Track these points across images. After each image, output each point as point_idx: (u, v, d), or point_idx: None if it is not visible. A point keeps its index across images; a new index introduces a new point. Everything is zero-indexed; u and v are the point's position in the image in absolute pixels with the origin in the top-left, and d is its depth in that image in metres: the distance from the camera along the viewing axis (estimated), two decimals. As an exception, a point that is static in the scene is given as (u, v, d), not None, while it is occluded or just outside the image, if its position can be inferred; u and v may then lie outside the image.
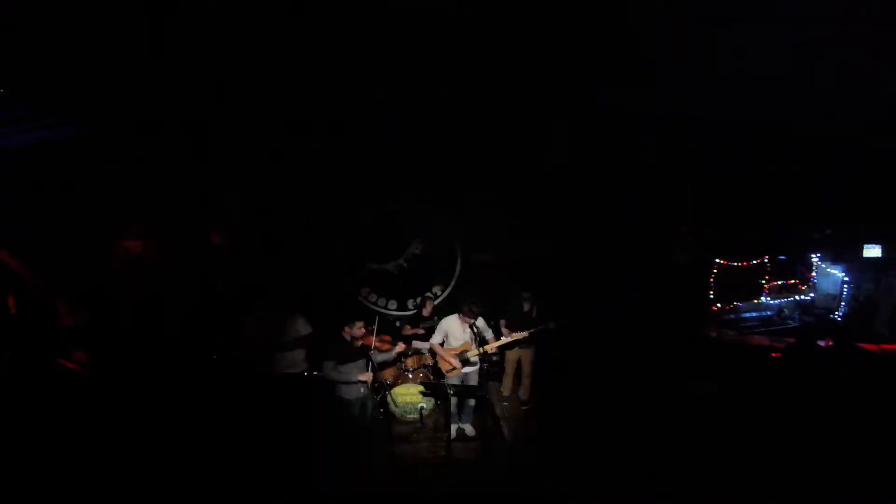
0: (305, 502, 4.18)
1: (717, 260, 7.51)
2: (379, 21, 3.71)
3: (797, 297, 7.89)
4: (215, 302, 6.89)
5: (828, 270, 7.77)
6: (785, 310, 7.83)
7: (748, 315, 7.71)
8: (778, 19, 3.50)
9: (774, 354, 6.02)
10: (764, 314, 7.78)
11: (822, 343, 5.13)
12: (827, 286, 7.80)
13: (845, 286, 7.50)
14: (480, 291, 6.82)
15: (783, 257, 7.86)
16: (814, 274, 7.87)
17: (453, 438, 4.72)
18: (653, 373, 6.28)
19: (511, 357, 5.80)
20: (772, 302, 7.81)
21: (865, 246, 7.32)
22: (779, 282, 7.86)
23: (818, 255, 7.81)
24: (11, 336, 5.93)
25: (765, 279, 7.77)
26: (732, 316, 7.62)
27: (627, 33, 3.97)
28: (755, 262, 7.70)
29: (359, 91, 5.50)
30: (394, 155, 7.02)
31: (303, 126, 6.69)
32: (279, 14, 3.61)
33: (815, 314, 7.68)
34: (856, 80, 4.47)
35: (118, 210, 6.58)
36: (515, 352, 5.73)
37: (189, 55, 4.23)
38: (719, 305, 7.52)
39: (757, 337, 7.16)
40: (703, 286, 7.46)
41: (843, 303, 7.48)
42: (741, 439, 4.62)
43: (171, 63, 4.36)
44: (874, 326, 6.99)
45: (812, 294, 7.88)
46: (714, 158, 7.11)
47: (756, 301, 7.77)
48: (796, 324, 7.60)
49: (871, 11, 3.25)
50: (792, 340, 6.44)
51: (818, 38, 3.74)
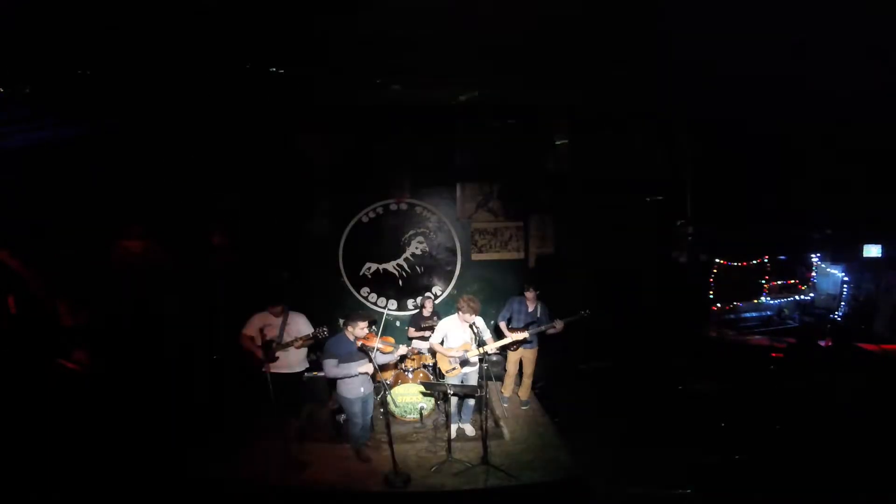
0: (305, 502, 4.18)
1: (717, 260, 7.50)
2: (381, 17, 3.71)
3: (797, 297, 7.88)
4: (215, 302, 6.89)
5: (828, 270, 7.77)
6: (785, 310, 7.83)
7: (748, 315, 7.71)
8: (777, 19, 3.50)
9: (774, 354, 6.02)
10: (764, 314, 7.78)
11: (822, 343, 5.13)
12: (827, 286, 7.79)
13: (845, 286, 7.49)
14: (480, 291, 6.85)
15: (783, 257, 7.85)
16: (814, 274, 7.87)
17: (453, 438, 4.72)
18: (653, 373, 6.28)
19: (513, 358, 5.77)
20: (772, 302, 7.80)
21: (865, 246, 7.31)
22: (779, 282, 7.85)
23: (818, 255, 7.81)
24: (11, 336, 5.93)
25: (765, 279, 7.76)
26: (732, 316, 7.61)
27: (627, 33, 3.97)
28: (755, 262, 7.70)
29: (359, 90, 5.49)
30: (393, 154, 7.03)
31: (303, 125, 6.71)
32: (278, 13, 3.60)
33: (815, 314, 7.67)
34: (855, 80, 4.47)
35: (118, 210, 6.58)
36: (518, 352, 5.70)
37: (190, 55, 4.23)
38: (719, 305, 7.52)
39: (757, 337, 7.15)
40: (703, 286, 7.45)
41: (843, 303, 7.48)
42: (741, 439, 4.62)
43: (173, 63, 4.35)
44: (874, 326, 6.98)
45: (812, 294, 7.87)
46: (714, 158, 7.11)
47: (756, 301, 7.76)
48: (796, 324, 7.60)
49: (871, 11, 3.25)
50: (792, 340, 6.45)
51: (818, 38, 3.74)
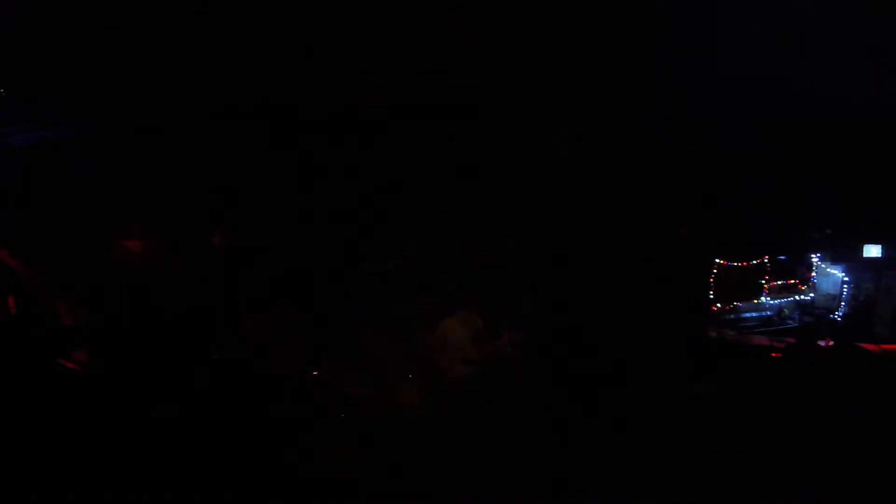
0: (305, 501, 4.17)
1: (717, 260, 7.50)
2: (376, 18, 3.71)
3: (797, 297, 7.88)
4: (215, 302, 6.89)
5: (828, 270, 7.76)
6: (785, 310, 7.82)
7: (748, 315, 7.70)
8: (777, 19, 3.50)
9: (774, 354, 6.01)
10: (764, 314, 7.77)
11: (822, 343, 5.13)
12: (827, 286, 7.78)
13: (845, 286, 7.49)
14: (480, 292, 6.84)
15: (783, 257, 7.85)
16: (814, 274, 7.86)
17: (453, 438, 4.72)
18: (653, 373, 6.27)
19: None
20: (772, 302, 7.80)
21: (865, 246, 7.31)
22: (779, 282, 7.84)
23: (818, 255, 7.81)
24: (11, 336, 5.93)
25: (765, 279, 7.76)
26: (732, 316, 7.61)
27: (627, 33, 3.98)
28: (755, 262, 7.69)
29: (358, 89, 5.50)
30: (393, 153, 7.02)
31: (301, 125, 6.71)
32: (276, 12, 3.61)
33: (815, 314, 7.67)
34: (855, 80, 4.47)
35: (118, 210, 6.57)
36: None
37: (189, 55, 4.23)
38: (719, 305, 7.51)
39: (757, 337, 7.15)
40: (703, 286, 7.45)
41: (843, 303, 7.48)
42: (741, 439, 4.61)
43: (172, 62, 4.36)
44: (874, 326, 6.98)
45: (812, 294, 7.87)
46: (714, 158, 7.12)
47: (756, 301, 7.76)
48: (796, 324, 7.59)
49: (871, 11, 3.26)
50: (792, 340, 6.44)
51: (818, 38, 3.74)
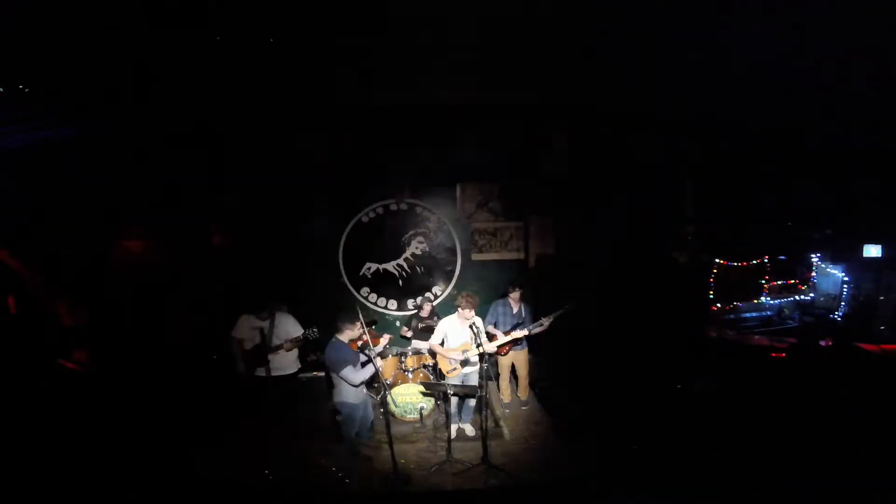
0: (305, 501, 4.18)
1: (717, 260, 7.51)
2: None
3: (797, 297, 7.88)
4: (215, 302, 6.89)
5: (828, 270, 7.76)
6: (785, 310, 7.82)
7: (748, 315, 7.71)
8: (778, 19, 3.50)
9: (774, 354, 6.02)
10: (764, 314, 7.77)
11: (822, 343, 5.13)
12: (827, 286, 7.79)
13: (845, 286, 7.49)
14: (481, 291, 6.83)
15: (783, 257, 7.85)
16: (814, 274, 7.87)
17: (453, 438, 4.72)
18: (653, 373, 6.28)
19: (504, 362, 5.68)
20: (772, 302, 7.80)
21: (865, 246, 7.31)
22: (779, 282, 7.85)
23: (818, 255, 7.81)
24: (11, 336, 5.93)
25: (765, 279, 7.76)
26: (732, 316, 7.61)
27: (627, 33, 3.97)
28: (755, 262, 7.70)
29: (357, 90, 5.50)
30: (392, 153, 7.03)
31: (301, 125, 6.71)
32: (276, 13, 3.60)
33: (815, 314, 7.67)
34: (856, 80, 4.47)
35: (118, 210, 6.58)
36: (508, 356, 5.60)
37: (188, 55, 4.23)
38: (719, 305, 7.52)
39: (757, 337, 7.15)
40: (703, 286, 7.46)
41: (843, 303, 7.48)
42: (742, 439, 4.62)
43: (171, 63, 4.35)
44: (874, 326, 6.98)
45: (812, 294, 7.87)
46: (714, 158, 7.12)
47: (756, 301, 7.76)
48: (796, 324, 7.60)
49: (870, 11, 3.25)
50: (792, 340, 6.44)
51: (818, 38, 3.74)
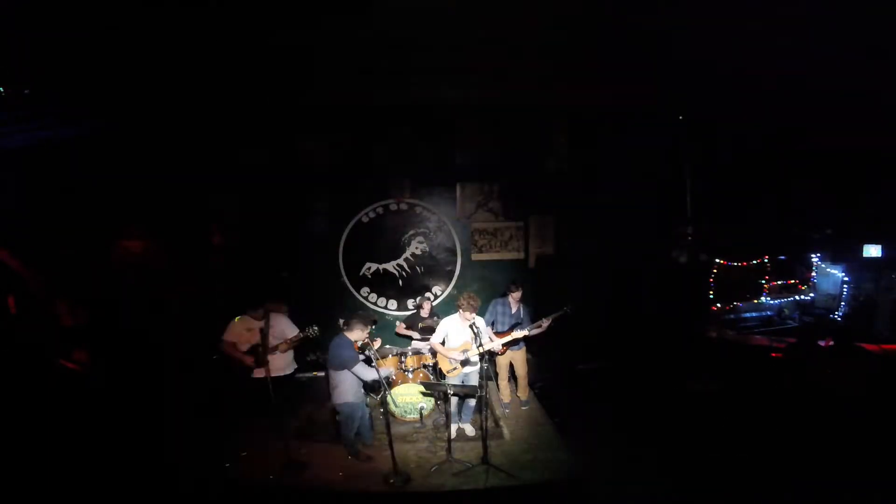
0: (305, 502, 4.18)
1: (717, 260, 7.51)
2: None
3: (797, 297, 7.89)
4: (215, 302, 6.89)
5: (828, 270, 7.77)
6: (785, 310, 7.83)
7: (748, 315, 7.71)
8: (778, 19, 3.50)
9: (774, 354, 6.01)
10: (764, 314, 7.78)
11: (822, 343, 5.12)
12: (827, 286, 7.80)
13: (845, 286, 7.50)
14: (481, 291, 6.83)
15: (783, 257, 7.85)
16: (814, 274, 7.87)
17: (453, 438, 4.72)
18: (653, 373, 6.28)
19: (503, 362, 5.67)
20: (772, 302, 7.81)
21: (865, 246, 7.32)
22: (779, 282, 7.86)
23: (818, 255, 7.81)
24: (11, 336, 5.93)
25: (765, 279, 7.77)
26: (732, 316, 7.61)
27: (628, 33, 3.97)
28: (755, 262, 7.70)
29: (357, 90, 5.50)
30: (393, 154, 7.03)
31: (301, 125, 6.71)
32: (278, 13, 3.61)
33: (815, 314, 7.68)
34: (856, 80, 4.47)
35: (118, 210, 6.58)
36: (506, 356, 5.60)
37: (189, 55, 4.23)
38: (719, 305, 7.52)
39: (757, 337, 7.15)
40: (703, 286, 7.46)
41: (843, 303, 7.48)
42: (742, 439, 4.62)
43: (172, 63, 4.36)
44: (874, 326, 6.98)
45: (812, 294, 7.87)
46: (714, 158, 7.12)
47: (756, 301, 7.76)
48: (796, 324, 7.60)
49: (871, 11, 3.25)
50: (792, 340, 6.44)
51: (818, 38, 3.74)
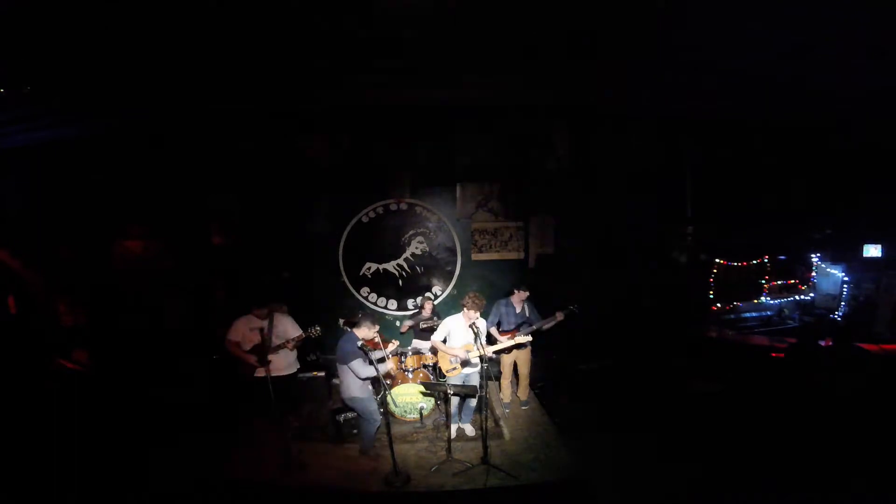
0: (305, 502, 4.17)
1: (717, 260, 7.51)
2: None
3: (797, 297, 7.89)
4: (215, 302, 6.89)
5: (828, 270, 7.77)
6: (785, 310, 7.83)
7: (748, 315, 7.71)
8: (778, 19, 3.50)
9: (774, 354, 6.02)
10: (764, 314, 7.78)
11: (822, 343, 5.13)
12: (827, 286, 7.79)
13: (845, 286, 7.49)
14: (480, 291, 6.83)
15: (783, 257, 7.85)
16: (814, 274, 7.87)
17: (453, 438, 4.72)
18: (653, 373, 6.28)
19: (507, 360, 5.69)
20: (772, 302, 7.81)
21: (865, 246, 7.32)
22: (779, 282, 7.86)
23: (818, 255, 7.81)
24: (11, 336, 5.94)
25: (765, 279, 7.77)
26: (732, 316, 7.61)
27: (628, 33, 3.97)
28: (755, 262, 7.70)
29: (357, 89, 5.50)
30: (393, 154, 7.03)
31: (300, 125, 6.71)
32: (278, 13, 3.61)
33: (815, 314, 7.68)
34: (856, 80, 4.47)
35: (118, 210, 6.58)
36: (511, 354, 5.62)
37: (189, 55, 4.23)
38: (719, 305, 7.52)
39: (757, 337, 7.15)
40: (703, 286, 7.46)
41: (843, 303, 7.48)
42: (742, 439, 4.62)
43: (172, 63, 4.36)
44: (874, 326, 6.98)
45: (812, 294, 7.87)
46: (714, 158, 7.12)
47: (756, 301, 7.76)
48: (796, 324, 7.60)
49: (871, 11, 3.25)
50: (792, 340, 6.45)
51: (818, 38, 3.74)
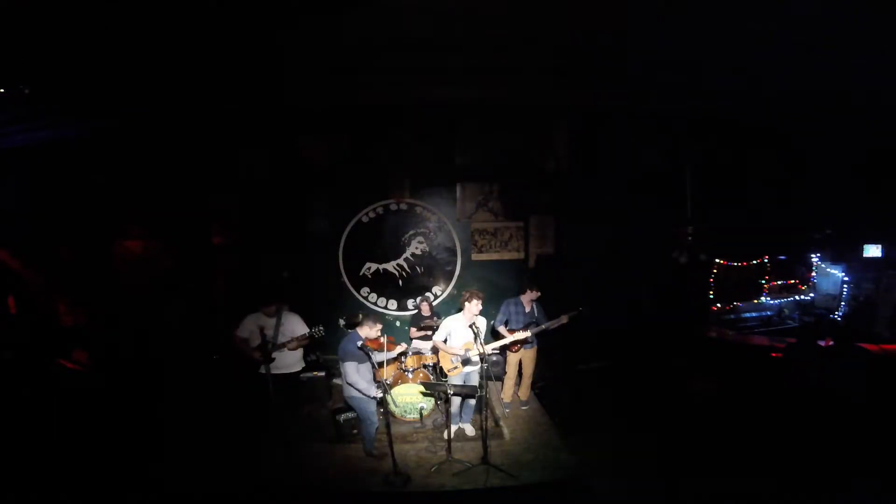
0: (305, 502, 4.17)
1: (717, 260, 7.51)
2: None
3: (797, 297, 7.88)
4: (215, 302, 6.89)
5: (828, 270, 7.77)
6: (785, 310, 7.82)
7: (748, 315, 7.70)
8: (777, 19, 3.50)
9: (774, 354, 6.01)
10: (764, 314, 7.77)
11: (822, 343, 5.12)
12: (827, 286, 7.79)
13: (845, 286, 7.49)
14: (481, 292, 6.83)
15: (783, 257, 7.85)
16: (814, 274, 7.87)
17: (453, 438, 4.73)
18: (653, 373, 6.28)
19: (513, 360, 5.71)
20: (772, 302, 7.80)
21: (865, 246, 7.32)
22: (779, 282, 7.85)
23: (818, 255, 7.81)
24: (11, 336, 5.94)
25: (765, 279, 7.76)
26: (732, 316, 7.61)
27: (627, 33, 3.97)
28: (755, 262, 7.70)
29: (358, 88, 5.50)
30: (393, 154, 7.03)
31: (301, 125, 6.71)
32: (279, 13, 3.61)
33: (815, 314, 7.67)
34: (856, 80, 4.47)
35: (118, 210, 6.58)
36: (518, 353, 5.65)
37: (189, 55, 4.23)
38: (719, 305, 7.52)
39: (757, 337, 7.15)
40: (703, 286, 7.46)
41: (843, 303, 7.48)
42: (742, 439, 4.62)
43: (172, 63, 4.36)
44: (874, 326, 6.98)
45: (812, 294, 7.87)
46: (714, 158, 7.13)
47: (756, 301, 7.76)
48: (796, 324, 7.59)
49: (871, 11, 3.25)
50: (792, 340, 6.44)
51: (818, 38, 3.74)
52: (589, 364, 6.68)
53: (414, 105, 6.14)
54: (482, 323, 4.84)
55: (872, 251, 7.26)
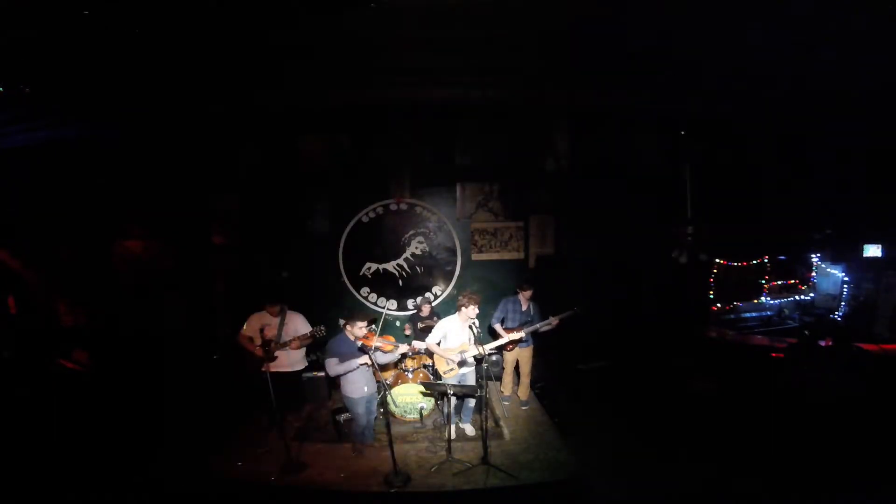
0: (305, 502, 4.17)
1: (717, 260, 7.51)
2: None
3: (797, 297, 7.88)
4: (215, 302, 6.89)
5: (828, 270, 7.77)
6: (785, 310, 7.82)
7: (748, 315, 7.71)
8: (777, 19, 3.50)
9: (774, 354, 6.01)
10: (764, 314, 7.77)
11: (822, 343, 5.13)
12: (827, 286, 7.79)
13: (845, 286, 7.49)
14: (481, 291, 6.83)
15: (783, 257, 7.85)
16: (814, 274, 7.87)
17: (453, 438, 4.72)
18: (653, 373, 6.28)
19: (509, 358, 5.75)
20: (772, 302, 7.80)
21: (865, 246, 7.32)
22: (779, 282, 7.85)
23: (818, 255, 7.81)
24: (11, 336, 5.94)
25: (765, 279, 7.76)
26: (732, 316, 7.61)
27: (627, 33, 3.97)
28: (755, 262, 7.70)
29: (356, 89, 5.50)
30: (393, 154, 7.03)
31: (301, 125, 6.71)
32: (279, 13, 3.61)
33: (815, 314, 7.67)
34: (855, 80, 4.47)
35: (118, 210, 6.58)
36: (514, 352, 5.68)
37: (189, 55, 4.23)
38: (719, 305, 7.52)
39: (757, 337, 7.15)
40: (703, 286, 7.46)
41: (843, 303, 7.48)
42: (741, 439, 4.62)
43: (172, 63, 4.36)
44: (874, 326, 6.98)
45: (812, 294, 7.87)
46: (714, 158, 7.12)
47: (756, 301, 7.76)
48: (796, 324, 7.59)
49: (870, 11, 3.25)
50: (792, 340, 6.44)
51: (818, 38, 3.74)
52: (589, 364, 6.69)
53: (414, 105, 6.14)
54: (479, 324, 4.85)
55: (872, 251, 7.26)
